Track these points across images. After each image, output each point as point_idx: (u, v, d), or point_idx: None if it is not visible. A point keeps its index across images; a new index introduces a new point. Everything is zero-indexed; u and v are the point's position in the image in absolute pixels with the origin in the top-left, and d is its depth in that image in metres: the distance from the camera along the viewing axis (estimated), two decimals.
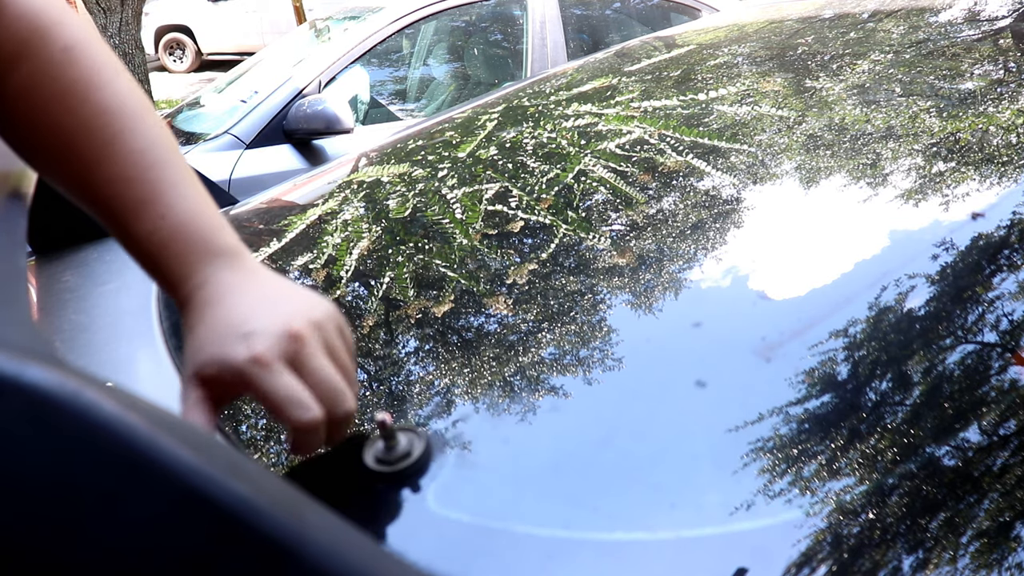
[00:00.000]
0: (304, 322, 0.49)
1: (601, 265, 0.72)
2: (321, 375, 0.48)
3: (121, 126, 0.53)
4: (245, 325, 0.48)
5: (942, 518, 0.47)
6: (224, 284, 0.51)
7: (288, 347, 0.48)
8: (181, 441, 0.29)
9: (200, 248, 0.51)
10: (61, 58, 0.53)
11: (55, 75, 0.53)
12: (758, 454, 0.50)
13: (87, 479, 0.28)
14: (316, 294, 0.53)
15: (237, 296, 0.50)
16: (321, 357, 0.49)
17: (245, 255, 0.53)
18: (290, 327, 0.48)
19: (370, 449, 0.53)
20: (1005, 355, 0.56)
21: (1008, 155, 0.73)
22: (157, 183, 0.52)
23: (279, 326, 0.48)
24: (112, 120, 0.53)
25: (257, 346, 0.47)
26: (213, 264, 0.51)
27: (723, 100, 1.03)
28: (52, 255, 1.03)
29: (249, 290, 0.51)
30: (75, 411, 0.28)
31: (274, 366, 0.47)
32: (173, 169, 0.53)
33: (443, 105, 3.39)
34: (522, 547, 0.48)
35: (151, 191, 0.52)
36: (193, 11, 10.68)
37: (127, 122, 0.53)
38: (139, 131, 0.53)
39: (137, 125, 0.54)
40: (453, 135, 1.19)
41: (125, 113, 0.54)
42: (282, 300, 0.51)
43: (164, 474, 0.28)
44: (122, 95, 0.54)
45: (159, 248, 0.51)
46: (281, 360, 0.47)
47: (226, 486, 0.29)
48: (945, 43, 1.11)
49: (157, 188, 0.52)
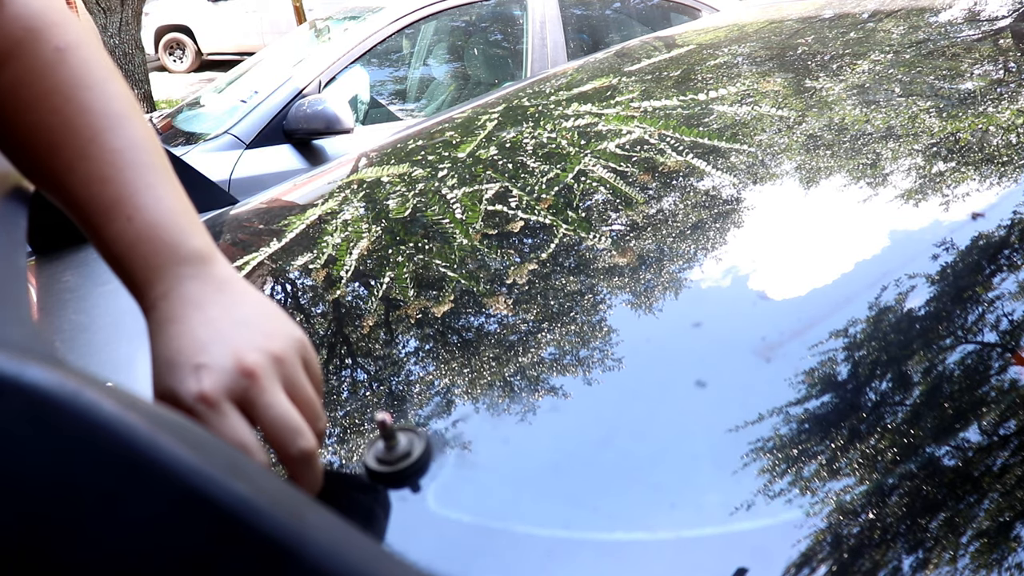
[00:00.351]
0: (260, 355, 0.47)
1: (601, 265, 0.72)
2: (272, 413, 0.46)
3: (103, 126, 0.52)
4: (197, 356, 0.46)
5: (942, 518, 0.47)
6: (186, 299, 0.49)
7: (237, 384, 0.46)
8: (181, 441, 0.29)
9: (166, 252, 0.50)
10: (52, 58, 0.53)
11: (44, 74, 0.53)
12: (758, 454, 0.50)
13: (87, 479, 0.28)
14: (284, 317, 0.51)
15: (197, 315, 0.48)
16: (275, 393, 0.46)
17: (216, 262, 0.51)
18: (243, 362, 0.46)
19: (370, 449, 0.53)
20: (1005, 355, 0.56)
21: (1008, 155, 0.73)
22: (131, 184, 0.51)
23: (231, 359, 0.46)
24: (94, 120, 0.52)
25: (205, 383, 0.45)
26: (179, 272, 0.49)
27: (723, 100, 1.03)
28: (52, 255, 1.04)
29: (211, 309, 0.49)
30: (75, 411, 0.28)
31: (221, 406, 0.45)
32: (151, 171, 0.52)
33: (443, 105, 3.39)
34: (522, 547, 0.48)
35: (124, 192, 0.50)
36: (193, 11, 10.67)
37: (110, 122, 0.52)
38: (121, 132, 0.52)
39: (120, 126, 0.53)
40: (453, 135, 1.19)
41: (109, 114, 0.53)
42: (242, 325, 0.48)
43: (164, 474, 0.28)
44: (109, 96, 0.53)
45: (126, 250, 0.50)
46: (228, 399, 0.45)
47: (226, 486, 0.29)
48: (945, 43, 1.11)
49: (130, 189, 0.51)
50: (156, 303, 0.49)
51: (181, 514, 0.29)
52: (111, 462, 0.28)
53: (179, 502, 0.28)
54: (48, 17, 0.55)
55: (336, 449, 0.58)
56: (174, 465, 0.28)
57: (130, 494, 0.28)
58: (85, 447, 0.28)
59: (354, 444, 0.58)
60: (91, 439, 0.28)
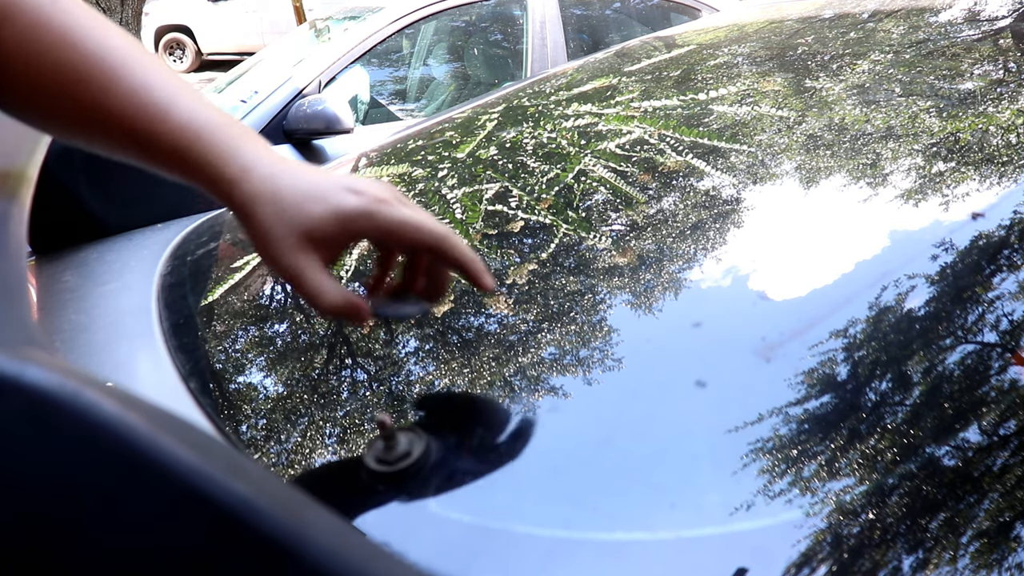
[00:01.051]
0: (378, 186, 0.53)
1: (601, 265, 0.72)
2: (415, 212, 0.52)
3: (131, 46, 0.54)
4: (344, 180, 0.51)
5: (942, 518, 0.47)
6: (281, 158, 0.52)
7: (390, 192, 0.52)
8: (181, 441, 0.29)
9: (238, 130, 0.52)
10: (51, 9, 0.55)
11: (51, 22, 0.54)
12: (758, 454, 0.50)
13: (87, 479, 0.28)
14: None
15: (305, 167, 0.52)
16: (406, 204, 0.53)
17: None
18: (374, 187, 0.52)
19: (370, 449, 0.53)
20: (1005, 355, 0.56)
21: (1008, 155, 0.73)
22: (182, 86, 0.53)
23: (368, 181, 0.52)
24: (123, 43, 0.54)
25: (372, 190, 0.51)
26: (258, 142, 0.52)
27: (723, 100, 1.03)
28: (52, 255, 1.04)
29: (306, 166, 0.53)
30: (75, 411, 0.28)
31: (394, 201, 0.51)
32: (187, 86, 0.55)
33: (443, 105, 3.39)
34: (522, 547, 0.48)
35: (177, 91, 0.52)
36: (193, 11, 10.67)
37: (136, 46, 0.55)
38: (147, 54, 0.55)
39: (143, 52, 0.55)
40: (453, 135, 1.19)
41: (131, 41, 0.55)
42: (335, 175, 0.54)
43: (164, 474, 0.28)
44: (121, 33, 0.56)
45: (198, 132, 0.51)
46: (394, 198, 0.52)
47: (226, 486, 0.29)
48: (945, 43, 1.11)
49: (183, 90, 0.53)
50: (251, 167, 0.51)
51: (181, 514, 0.29)
52: (111, 462, 0.28)
53: (179, 502, 0.28)
54: None
55: (336, 449, 0.58)
56: (174, 465, 0.28)
57: (130, 494, 0.28)
58: (85, 447, 0.28)
59: (354, 444, 0.58)
60: (91, 439, 0.28)
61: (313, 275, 0.50)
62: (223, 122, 0.52)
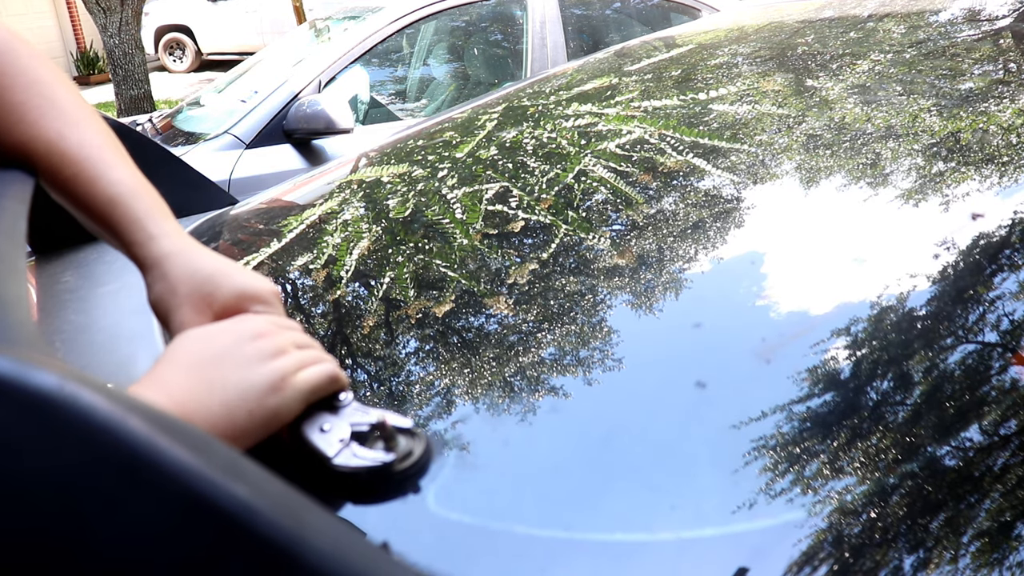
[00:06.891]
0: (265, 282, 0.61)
1: (601, 265, 0.72)
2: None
3: (89, 110, 0.61)
4: (241, 270, 0.58)
5: (943, 518, 0.47)
6: (188, 236, 0.59)
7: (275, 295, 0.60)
8: (181, 443, 0.29)
9: (160, 204, 0.59)
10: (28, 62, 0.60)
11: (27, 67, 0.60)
12: (758, 455, 0.50)
13: (87, 481, 0.28)
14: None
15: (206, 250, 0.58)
16: None
17: None
18: (267, 284, 0.60)
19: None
20: (1005, 355, 0.56)
21: (1008, 155, 0.73)
22: (123, 153, 0.61)
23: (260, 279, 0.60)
24: (80, 102, 0.61)
25: (268, 285, 0.58)
26: (172, 221, 0.59)
27: (723, 100, 1.03)
28: (52, 255, 1.04)
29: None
30: (75, 412, 0.28)
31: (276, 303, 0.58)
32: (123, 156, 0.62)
33: (443, 105, 3.39)
34: (522, 548, 0.48)
35: (121, 155, 0.60)
36: (193, 11, 10.67)
37: (91, 109, 0.62)
38: (100, 122, 0.62)
39: (97, 119, 0.62)
40: (453, 135, 1.19)
41: (86, 104, 0.61)
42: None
43: (164, 476, 0.28)
44: (80, 98, 0.62)
45: (130, 190, 0.58)
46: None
47: (226, 488, 0.29)
48: (945, 43, 1.11)
49: (124, 156, 0.61)
50: (173, 235, 0.57)
51: (181, 517, 0.29)
52: (111, 464, 0.28)
53: (179, 505, 0.28)
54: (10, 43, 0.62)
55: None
56: (174, 467, 0.28)
57: (129, 496, 0.28)
58: (85, 449, 0.28)
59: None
60: (91, 441, 0.28)
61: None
62: (152, 191, 0.59)
